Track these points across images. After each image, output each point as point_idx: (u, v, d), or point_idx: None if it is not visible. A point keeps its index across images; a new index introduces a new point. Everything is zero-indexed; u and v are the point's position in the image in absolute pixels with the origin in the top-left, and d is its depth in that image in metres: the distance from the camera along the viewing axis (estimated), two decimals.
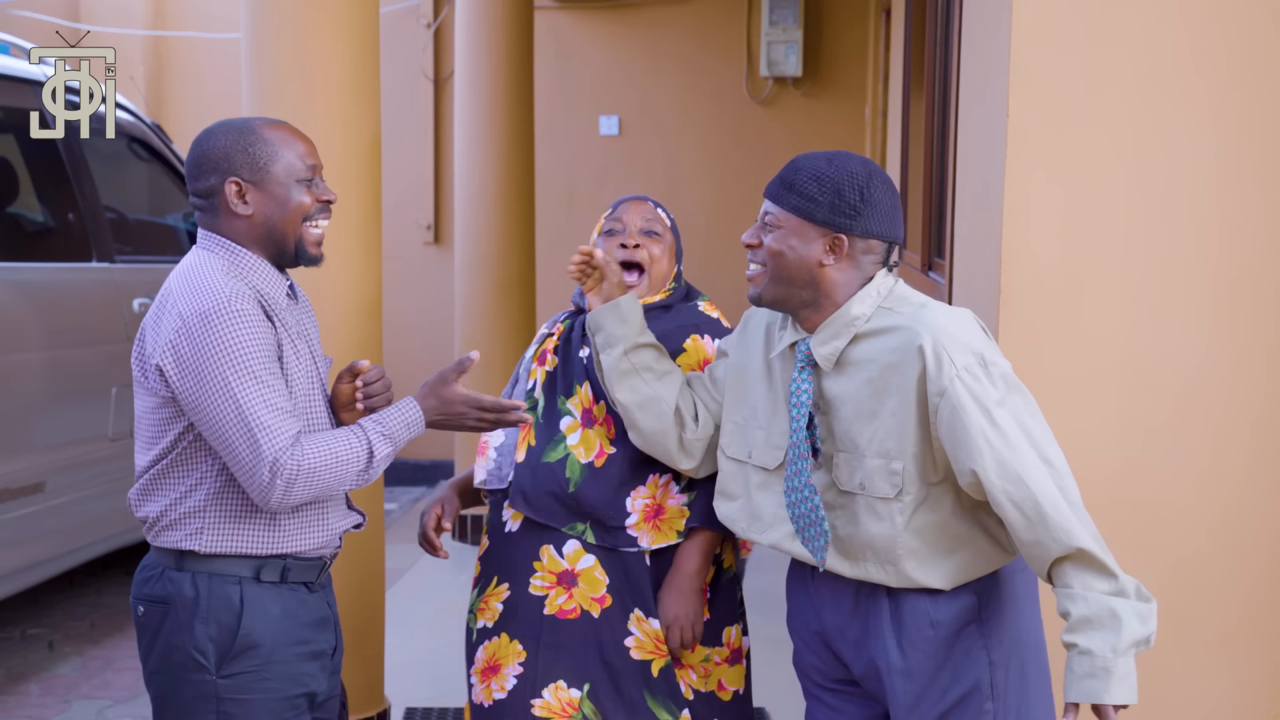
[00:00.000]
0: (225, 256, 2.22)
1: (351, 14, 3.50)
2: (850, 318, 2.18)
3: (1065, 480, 2.05)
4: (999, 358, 2.11)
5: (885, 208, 2.19)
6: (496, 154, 6.07)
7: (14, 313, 4.35)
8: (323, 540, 2.28)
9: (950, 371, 2.06)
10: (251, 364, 2.09)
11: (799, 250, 2.19)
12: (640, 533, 2.56)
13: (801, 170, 2.20)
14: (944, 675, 2.17)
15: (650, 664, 2.57)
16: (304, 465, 2.09)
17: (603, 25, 8.10)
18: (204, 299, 2.12)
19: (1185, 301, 2.50)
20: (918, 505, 2.13)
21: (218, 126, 2.26)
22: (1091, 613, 1.98)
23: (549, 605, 2.56)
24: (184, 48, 8.17)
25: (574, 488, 2.56)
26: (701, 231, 8.09)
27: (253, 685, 2.19)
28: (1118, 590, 2.00)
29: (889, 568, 2.15)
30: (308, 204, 2.24)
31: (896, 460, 2.12)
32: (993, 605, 2.19)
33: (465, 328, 6.16)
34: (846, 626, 2.26)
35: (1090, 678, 1.97)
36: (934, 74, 3.32)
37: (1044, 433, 2.07)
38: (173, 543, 2.21)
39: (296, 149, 2.25)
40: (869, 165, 2.20)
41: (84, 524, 4.76)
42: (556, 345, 2.69)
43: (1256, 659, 2.58)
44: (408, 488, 7.88)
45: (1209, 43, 2.51)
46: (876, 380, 2.14)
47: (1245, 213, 2.52)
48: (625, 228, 2.68)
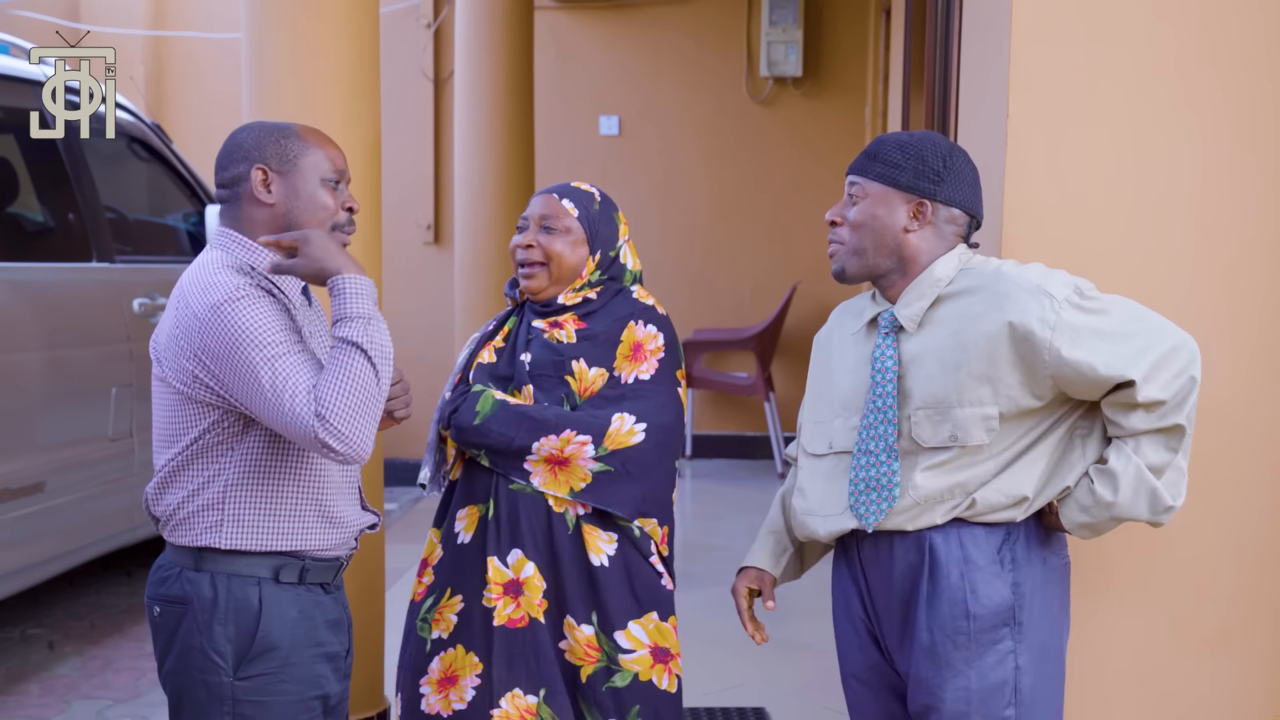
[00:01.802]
0: (239, 254, 2.24)
1: (351, 14, 3.50)
2: (934, 279, 2.24)
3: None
4: (1086, 283, 2.20)
5: (968, 178, 2.28)
6: (496, 154, 6.08)
7: (14, 313, 4.35)
8: (340, 538, 2.28)
9: (1053, 305, 2.12)
10: (269, 339, 2.09)
11: (883, 219, 2.25)
12: (536, 470, 2.57)
13: (885, 143, 2.28)
14: (971, 672, 2.18)
15: (579, 670, 2.59)
16: (337, 413, 2.04)
17: (603, 25, 8.10)
18: (213, 292, 2.13)
19: (1185, 301, 2.50)
20: (1013, 441, 2.19)
21: (253, 123, 2.31)
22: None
23: (499, 616, 2.58)
24: (184, 48, 8.17)
25: (480, 420, 2.58)
26: (701, 231, 8.10)
27: (270, 687, 2.19)
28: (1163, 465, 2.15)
29: (967, 500, 2.19)
30: (330, 205, 2.26)
31: (990, 405, 2.16)
32: (1028, 610, 2.20)
33: (465, 328, 6.17)
34: (892, 607, 2.27)
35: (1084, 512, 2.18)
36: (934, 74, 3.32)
37: (1158, 317, 2.19)
38: (190, 538, 2.20)
39: (326, 151, 2.28)
40: (951, 141, 2.29)
41: (84, 524, 4.76)
42: (499, 346, 2.71)
43: (1256, 659, 2.58)
44: (408, 488, 7.88)
45: (1210, 43, 2.51)
46: (962, 333, 2.19)
47: (1246, 212, 2.52)
48: (528, 224, 2.70)
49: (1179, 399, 2.13)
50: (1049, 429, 2.21)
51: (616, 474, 2.56)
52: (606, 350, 2.63)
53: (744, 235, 8.12)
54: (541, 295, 2.69)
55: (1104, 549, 2.52)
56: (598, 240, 2.69)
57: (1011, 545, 2.21)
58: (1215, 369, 2.52)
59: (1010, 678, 2.18)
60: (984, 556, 2.19)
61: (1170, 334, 2.16)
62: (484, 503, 2.64)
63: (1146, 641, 2.55)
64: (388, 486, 7.63)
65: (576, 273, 2.67)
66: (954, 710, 2.19)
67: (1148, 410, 2.13)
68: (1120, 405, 2.15)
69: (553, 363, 2.62)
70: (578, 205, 2.69)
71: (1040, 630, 2.21)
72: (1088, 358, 2.12)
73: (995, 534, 2.21)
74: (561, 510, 2.59)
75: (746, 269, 8.13)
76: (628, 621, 2.60)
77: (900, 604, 2.26)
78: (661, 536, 2.64)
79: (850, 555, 2.35)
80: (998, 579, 2.19)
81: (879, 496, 2.22)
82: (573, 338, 2.65)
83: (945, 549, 2.20)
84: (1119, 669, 2.55)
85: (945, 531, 2.21)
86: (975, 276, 2.23)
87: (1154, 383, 2.12)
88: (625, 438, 2.58)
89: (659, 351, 2.65)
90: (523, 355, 2.66)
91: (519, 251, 2.68)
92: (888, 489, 2.21)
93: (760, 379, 7.67)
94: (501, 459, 2.58)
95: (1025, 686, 2.19)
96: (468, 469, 2.68)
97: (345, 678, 2.33)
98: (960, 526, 2.21)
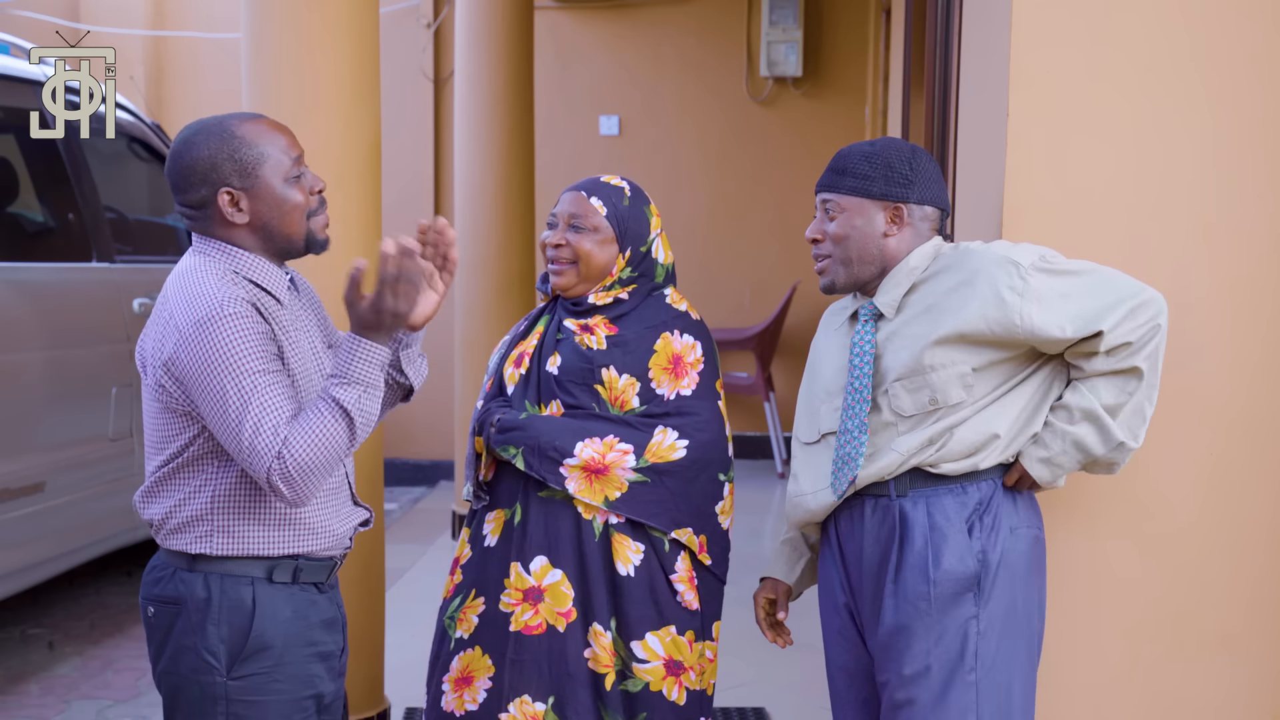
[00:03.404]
0: (221, 260, 2.20)
1: (351, 14, 3.50)
2: (910, 268, 2.34)
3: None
4: (1052, 250, 2.29)
5: (933, 175, 2.37)
6: (496, 154, 6.07)
7: (14, 313, 4.35)
8: (332, 540, 2.27)
9: (1020, 272, 2.21)
10: (246, 367, 2.07)
11: (863, 228, 2.33)
12: (572, 476, 2.56)
13: (849, 156, 2.36)
14: (929, 635, 2.24)
15: (604, 677, 2.60)
16: (297, 461, 2.06)
17: (603, 25, 8.10)
18: (198, 306, 2.10)
19: (1185, 300, 2.50)
20: (991, 389, 2.28)
21: (194, 134, 2.21)
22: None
23: (515, 622, 2.58)
24: (184, 48, 8.17)
25: (525, 416, 2.60)
26: (702, 231, 8.09)
27: (263, 687, 2.19)
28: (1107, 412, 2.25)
29: (945, 439, 2.27)
30: (300, 200, 2.22)
31: (963, 365, 2.24)
32: (993, 578, 2.25)
33: (465, 327, 6.17)
34: (864, 581, 2.34)
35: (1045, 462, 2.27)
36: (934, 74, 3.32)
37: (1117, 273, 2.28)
38: (182, 545, 2.20)
39: (278, 143, 2.21)
40: (910, 143, 2.37)
41: (84, 524, 4.76)
42: (530, 352, 2.71)
43: (1257, 660, 2.57)
44: (408, 488, 7.88)
45: (1210, 43, 2.50)
46: (935, 306, 2.28)
47: (1247, 211, 2.52)
48: (557, 223, 2.70)
49: (1141, 342, 2.22)
50: (1025, 377, 2.30)
51: (653, 486, 2.57)
52: (638, 358, 2.62)
53: (744, 235, 8.13)
54: (572, 292, 2.68)
55: (1104, 549, 2.52)
56: (627, 237, 2.68)
57: (980, 514, 2.28)
58: (1217, 368, 2.52)
59: (972, 644, 2.24)
60: (950, 525, 2.27)
61: (1137, 288, 2.25)
62: (510, 508, 2.64)
63: (1147, 642, 2.55)
64: (388, 486, 7.63)
65: (606, 271, 2.67)
66: (915, 670, 2.24)
67: (1109, 354, 2.23)
68: (1083, 353, 2.25)
69: (582, 370, 2.62)
70: (606, 203, 2.67)
71: (1004, 597, 2.26)
72: (1057, 319, 2.21)
73: (965, 503, 2.28)
74: (590, 517, 2.59)
75: (746, 269, 8.13)
76: (646, 632, 2.60)
77: (872, 577, 2.32)
78: (700, 545, 2.64)
79: (829, 535, 2.43)
80: (962, 547, 2.25)
81: (848, 469, 2.32)
82: (603, 344, 2.63)
83: (914, 516, 2.28)
84: (1119, 669, 2.55)
85: (914, 500, 2.28)
86: (946, 259, 2.33)
87: (1121, 329, 2.21)
88: (666, 452, 2.59)
89: (698, 364, 2.65)
90: (550, 360, 2.65)
91: (549, 249, 2.68)
92: (853, 461, 2.31)
93: (760, 379, 7.67)
94: (540, 461, 2.57)
95: (986, 651, 2.24)
96: (497, 473, 2.68)
97: (340, 676, 2.33)
98: (929, 494, 2.28)
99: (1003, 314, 2.21)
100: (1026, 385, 2.30)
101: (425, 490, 7.82)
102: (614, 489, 2.55)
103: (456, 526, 6.30)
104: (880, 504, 2.32)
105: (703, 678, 2.67)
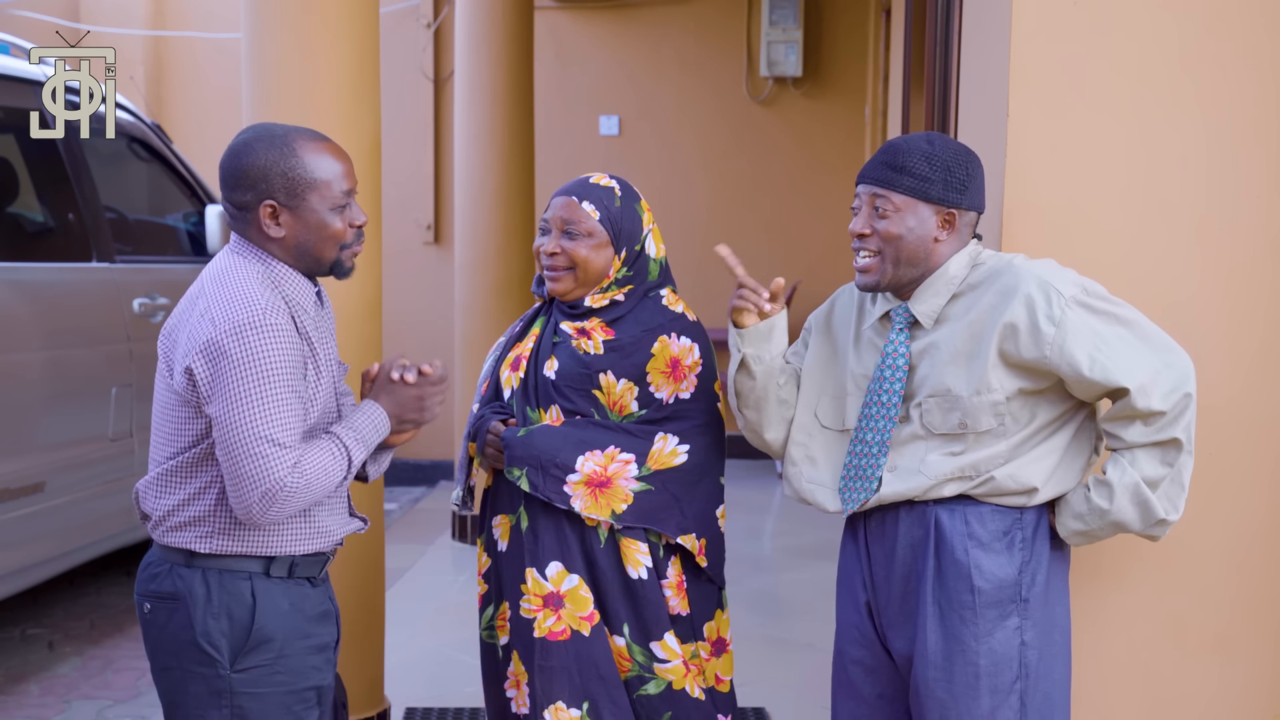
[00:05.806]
0: (259, 265, 2.22)
1: (351, 14, 3.50)
2: (949, 277, 2.29)
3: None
4: (1095, 284, 2.25)
5: (981, 181, 2.32)
6: (496, 154, 6.07)
7: (14, 313, 4.35)
8: (328, 541, 2.30)
9: (1060, 302, 2.17)
10: (275, 383, 2.10)
11: (916, 230, 2.27)
12: (576, 494, 2.55)
13: (909, 154, 2.27)
14: (980, 646, 2.22)
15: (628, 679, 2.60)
16: (299, 485, 2.11)
17: (603, 25, 8.10)
18: (239, 309, 2.12)
19: (1185, 299, 2.50)
20: (1023, 426, 2.23)
21: (255, 138, 2.22)
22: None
23: (538, 628, 2.58)
24: (184, 48, 8.17)
25: (524, 433, 2.58)
26: (701, 231, 8.09)
27: (266, 679, 2.20)
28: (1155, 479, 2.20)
29: (981, 478, 2.23)
30: (339, 230, 2.24)
31: (998, 392, 2.21)
32: (1035, 589, 2.24)
33: (465, 328, 6.17)
34: (892, 583, 2.31)
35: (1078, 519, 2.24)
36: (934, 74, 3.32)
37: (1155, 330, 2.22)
38: (182, 543, 2.22)
39: (335, 171, 2.23)
40: (962, 144, 2.32)
41: (84, 524, 4.75)
42: (526, 355, 2.69)
43: (1254, 660, 2.58)
44: (408, 488, 7.89)
45: (1209, 42, 2.51)
46: (974, 325, 2.23)
47: (1248, 209, 2.52)
48: (550, 229, 2.67)
49: (1176, 412, 2.16)
50: (1059, 425, 2.25)
51: (658, 493, 2.56)
52: (635, 362, 2.61)
53: (744, 235, 8.12)
54: (569, 297, 2.67)
55: (1104, 550, 2.52)
56: (622, 238, 2.66)
57: (1023, 527, 2.25)
58: (1217, 368, 2.51)
59: (1016, 653, 2.23)
60: (990, 535, 2.24)
61: (1167, 350, 2.19)
62: (514, 513, 2.64)
63: (1147, 643, 2.55)
64: (388, 486, 7.64)
65: (604, 274, 2.65)
66: (963, 683, 2.22)
67: (1145, 422, 2.17)
68: (1118, 418, 2.19)
69: (580, 375, 2.61)
70: (598, 206, 2.65)
71: (1046, 608, 2.26)
72: (1085, 357, 2.15)
73: (1005, 515, 2.25)
74: (594, 524, 2.58)
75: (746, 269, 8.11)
76: (664, 633, 2.60)
77: (901, 580, 2.30)
78: (699, 548, 2.64)
79: (856, 532, 2.40)
80: (1003, 556, 2.24)
81: (861, 486, 2.28)
82: (600, 348, 2.62)
83: (950, 525, 2.25)
84: (1119, 670, 2.55)
85: (950, 509, 2.25)
86: (986, 271, 2.28)
87: (1151, 394, 2.15)
88: (668, 458, 2.59)
89: (696, 366, 2.64)
90: (547, 365, 2.65)
91: (544, 256, 2.65)
92: (869, 480, 2.27)
93: None
94: (545, 480, 2.55)
95: (1031, 661, 2.23)
96: (496, 478, 2.68)
97: (333, 667, 2.35)
98: (967, 505, 2.25)
99: (1034, 340, 2.17)
100: (1060, 435, 2.25)
101: (425, 490, 7.82)
102: (619, 501, 2.55)
103: (456, 527, 6.30)
104: (916, 508, 2.29)
105: (704, 676, 2.67)
